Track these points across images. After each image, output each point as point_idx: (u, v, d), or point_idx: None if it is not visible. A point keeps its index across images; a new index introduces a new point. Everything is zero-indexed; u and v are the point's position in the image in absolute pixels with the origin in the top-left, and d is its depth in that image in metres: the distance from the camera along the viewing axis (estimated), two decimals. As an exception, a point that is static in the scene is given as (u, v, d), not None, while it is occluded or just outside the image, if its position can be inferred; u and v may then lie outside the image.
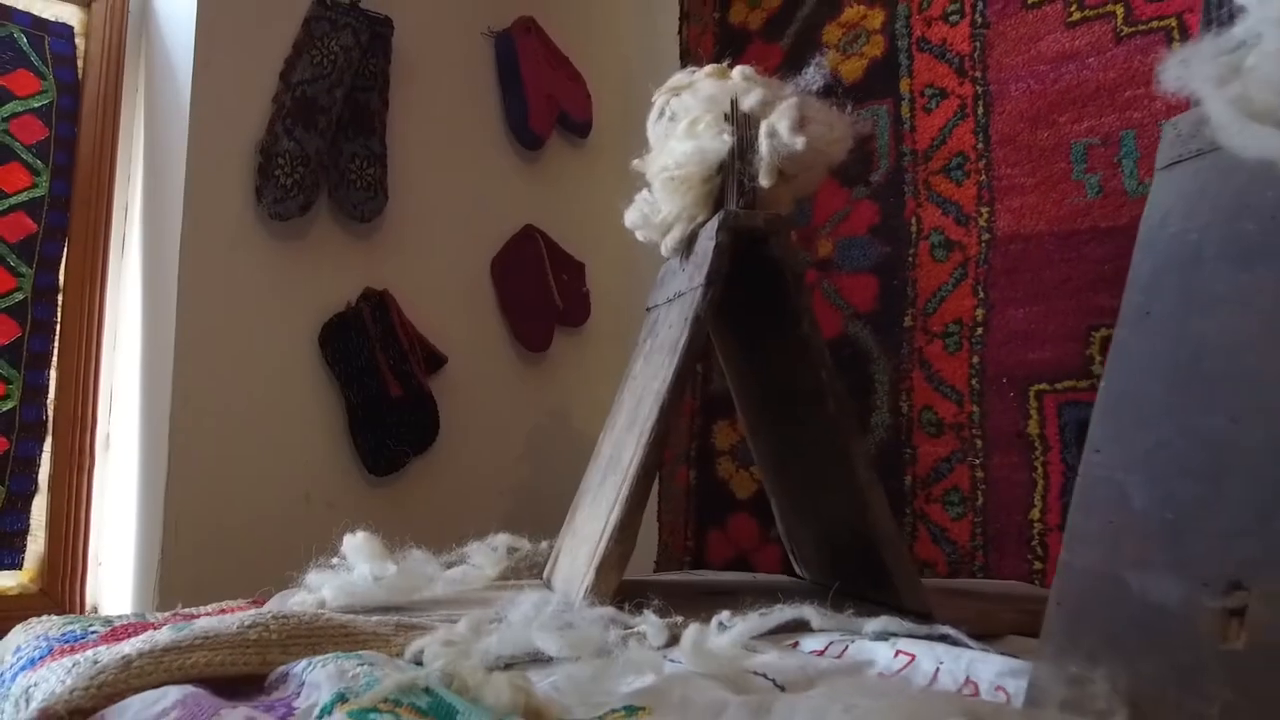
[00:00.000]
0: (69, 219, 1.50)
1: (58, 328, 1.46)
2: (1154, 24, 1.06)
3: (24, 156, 1.50)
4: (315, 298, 1.46)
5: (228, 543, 1.34)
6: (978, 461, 1.17)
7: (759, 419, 0.99)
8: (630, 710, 0.56)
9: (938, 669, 0.63)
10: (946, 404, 1.21)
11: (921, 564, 1.22)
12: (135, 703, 0.53)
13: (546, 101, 1.76)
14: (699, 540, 1.56)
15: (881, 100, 1.33)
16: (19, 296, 1.44)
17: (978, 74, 1.21)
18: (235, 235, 1.41)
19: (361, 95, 1.52)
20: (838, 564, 0.93)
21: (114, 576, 1.41)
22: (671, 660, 0.65)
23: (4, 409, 1.39)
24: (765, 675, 0.62)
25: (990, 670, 0.61)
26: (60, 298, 1.47)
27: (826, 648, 0.71)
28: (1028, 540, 1.11)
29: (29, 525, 1.39)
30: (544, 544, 0.96)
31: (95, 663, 0.60)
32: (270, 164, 1.41)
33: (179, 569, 1.31)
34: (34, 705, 0.56)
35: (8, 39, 1.51)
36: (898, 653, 0.67)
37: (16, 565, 1.37)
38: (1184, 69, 0.49)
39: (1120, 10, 1.08)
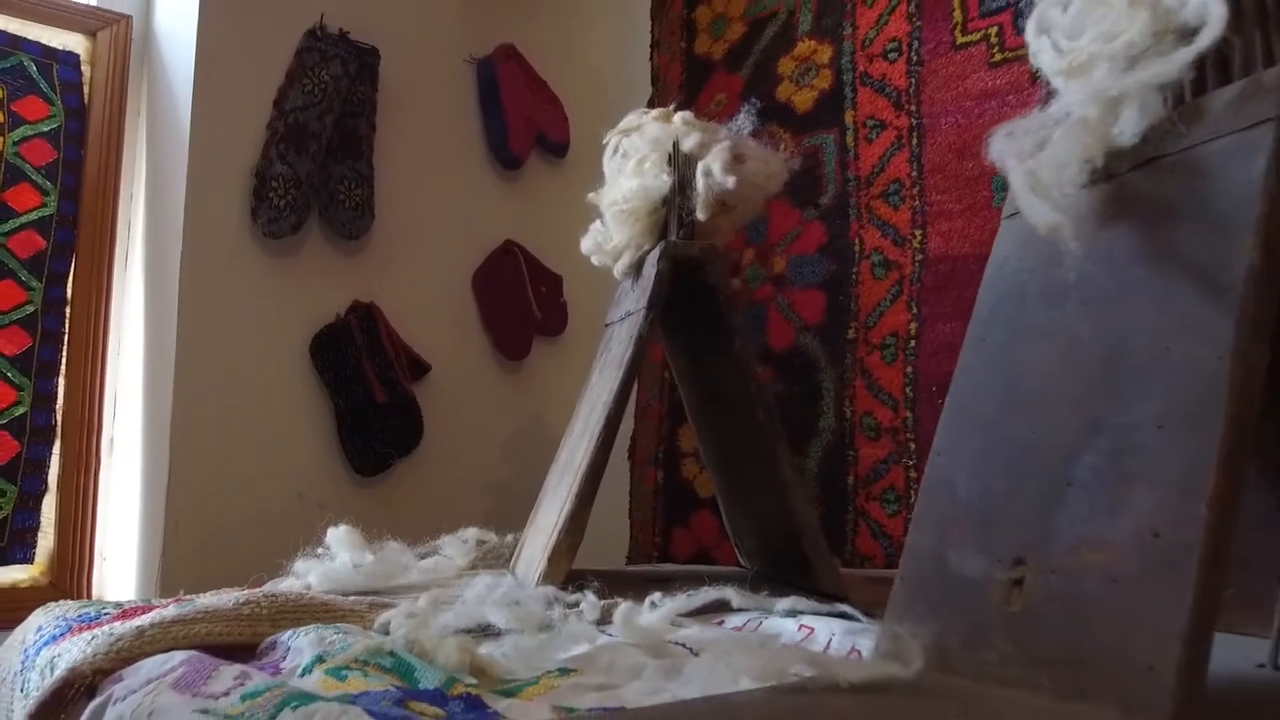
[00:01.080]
0: (76, 236, 1.60)
1: (65, 338, 1.56)
2: (1065, 66, 1.17)
3: (34, 178, 1.60)
4: (306, 310, 1.57)
5: (225, 539, 1.44)
6: (911, 463, 1.28)
7: (703, 424, 1.10)
8: (564, 671, 0.67)
9: (831, 639, 0.74)
10: (885, 410, 1.32)
11: (862, 557, 1.33)
12: (148, 663, 0.63)
13: (526, 124, 1.87)
14: (666, 537, 1.67)
15: (829, 129, 1.44)
16: (29, 309, 1.55)
17: (913, 108, 1.32)
18: (232, 252, 1.52)
19: (350, 121, 1.63)
20: (772, 554, 1.04)
21: (118, 570, 1.52)
22: (607, 634, 0.76)
23: (16, 414, 1.50)
24: (684, 645, 0.73)
25: (871, 639, 0.72)
26: (68, 310, 1.57)
27: (745, 624, 0.82)
28: (954, 534, 1.22)
29: (39, 522, 1.49)
30: (509, 537, 1.07)
31: (112, 634, 0.71)
32: (264, 186, 1.52)
33: (179, 563, 1.41)
34: (61, 667, 0.67)
35: (18, 67, 1.61)
36: (800, 627, 0.78)
37: (28, 560, 1.47)
38: (1004, 141, 0.60)
39: (1036, 53, 1.19)
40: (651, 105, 1.84)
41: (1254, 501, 0.62)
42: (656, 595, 0.81)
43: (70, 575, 1.48)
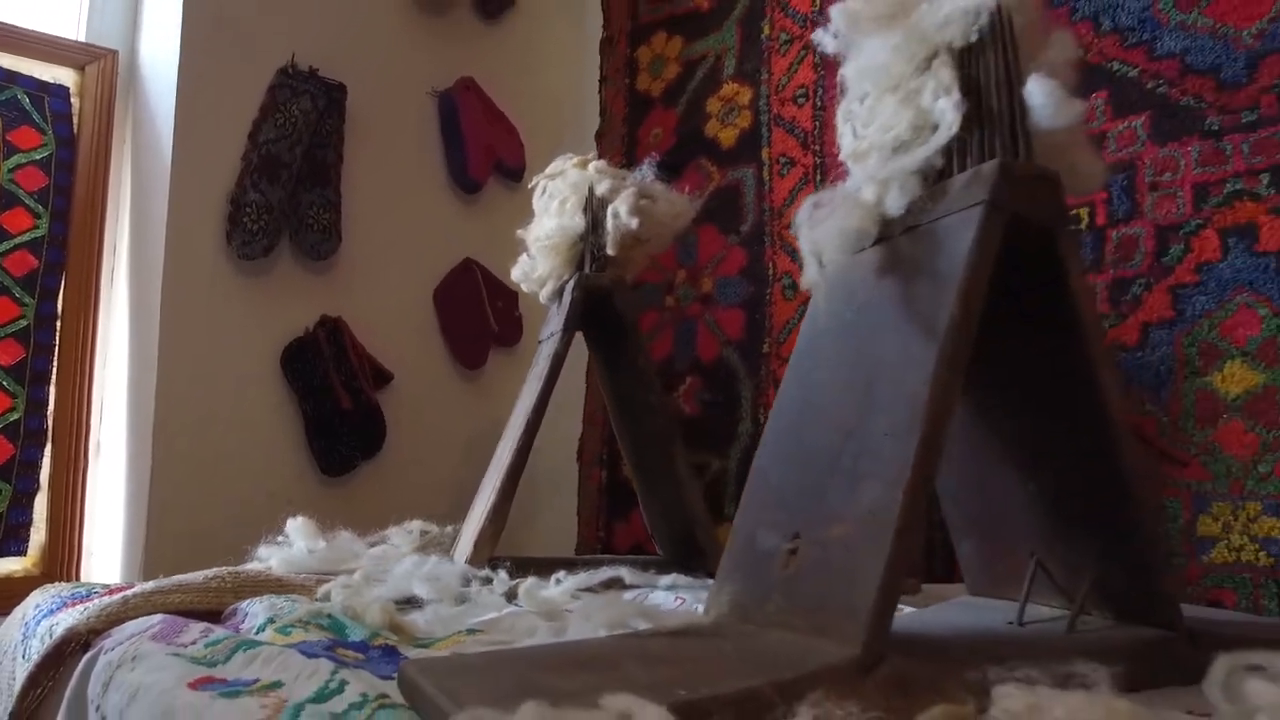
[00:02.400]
0: (66, 256, 1.74)
1: (56, 349, 1.70)
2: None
3: (27, 202, 1.74)
4: (277, 324, 1.72)
5: (201, 533, 1.58)
6: (814, 463, 1.44)
7: (620, 429, 1.26)
8: (471, 631, 0.83)
9: (697, 608, 0.90)
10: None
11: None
12: (131, 624, 0.79)
13: (484, 151, 2.02)
14: (608, 531, 1.83)
15: (749, 164, 1.60)
16: (23, 323, 1.69)
17: (817, 148, 1.49)
18: (209, 271, 1.67)
19: (319, 151, 1.78)
20: (675, 543, 1.20)
21: (104, 562, 1.66)
22: (515, 605, 0.92)
23: (10, 420, 1.64)
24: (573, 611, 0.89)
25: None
26: (59, 324, 1.71)
27: (635, 598, 0.98)
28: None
29: (32, 519, 1.63)
30: (449, 528, 1.23)
31: (101, 604, 0.86)
32: (239, 212, 1.67)
33: (159, 557, 1.55)
34: (60, 630, 0.82)
35: (13, 100, 1.75)
36: (677, 598, 0.94)
37: (22, 553, 1.62)
38: (808, 209, 0.76)
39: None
40: (599, 135, 2.01)
41: (1015, 491, 0.78)
42: (561, 574, 0.97)
43: (60, 566, 1.63)
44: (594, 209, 1.14)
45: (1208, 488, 1.03)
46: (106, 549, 1.66)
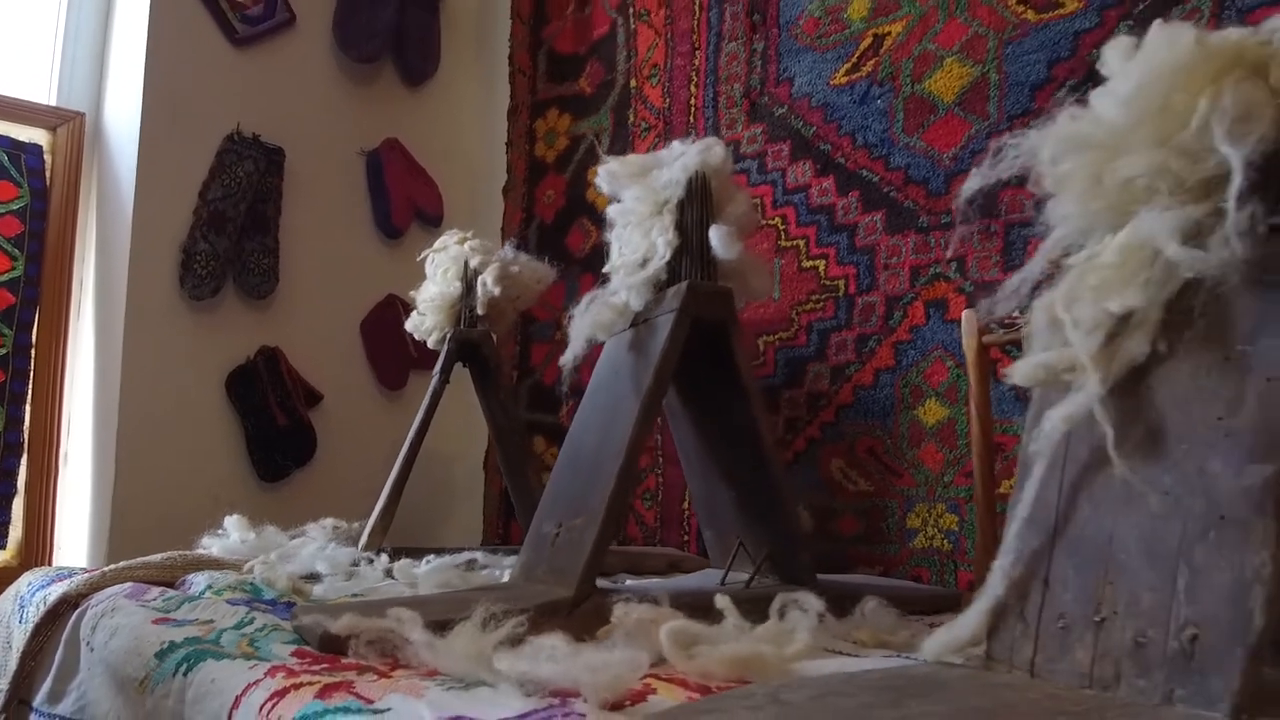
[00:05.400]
0: (39, 293, 2.02)
1: (31, 374, 2.00)
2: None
3: (5, 246, 2.03)
4: (223, 354, 2.02)
5: (157, 531, 1.86)
6: (659, 473, 1.80)
7: (494, 439, 1.60)
8: (354, 595, 1.17)
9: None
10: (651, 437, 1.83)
11: (630, 538, 1.84)
12: (109, 590, 1.11)
13: (406, 202, 2.35)
14: (506, 528, 2.17)
15: (616, 226, 1.95)
16: (2, 351, 1.98)
17: (665, 218, 1.84)
18: (164, 309, 1.97)
19: (260, 205, 2.10)
20: (534, 535, 1.55)
21: (72, 555, 1.96)
22: (391, 579, 1.26)
23: (-9, 434, 1.94)
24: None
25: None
26: (33, 352, 1.99)
27: (484, 573, 1.32)
28: (682, 522, 1.74)
29: (10, 519, 1.92)
30: (356, 524, 1.56)
31: (85, 577, 1.19)
32: (190, 260, 1.98)
33: (120, 549, 1.83)
34: (54, 596, 1.15)
35: (-7, 159, 2.05)
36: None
37: (2, 546, 1.91)
38: (585, 302, 1.11)
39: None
40: (506, 191, 2.35)
41: (724, 495, 1.14)
42: (431, 556, 1.32)
43: (35, 558, 1.92)
44: (468, 278, 1.48)
45: (914, 492, 1.40)
46: (74, 543, 1.96)
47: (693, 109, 1.82)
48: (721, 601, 0.88)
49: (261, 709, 0.65)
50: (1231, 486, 0.54)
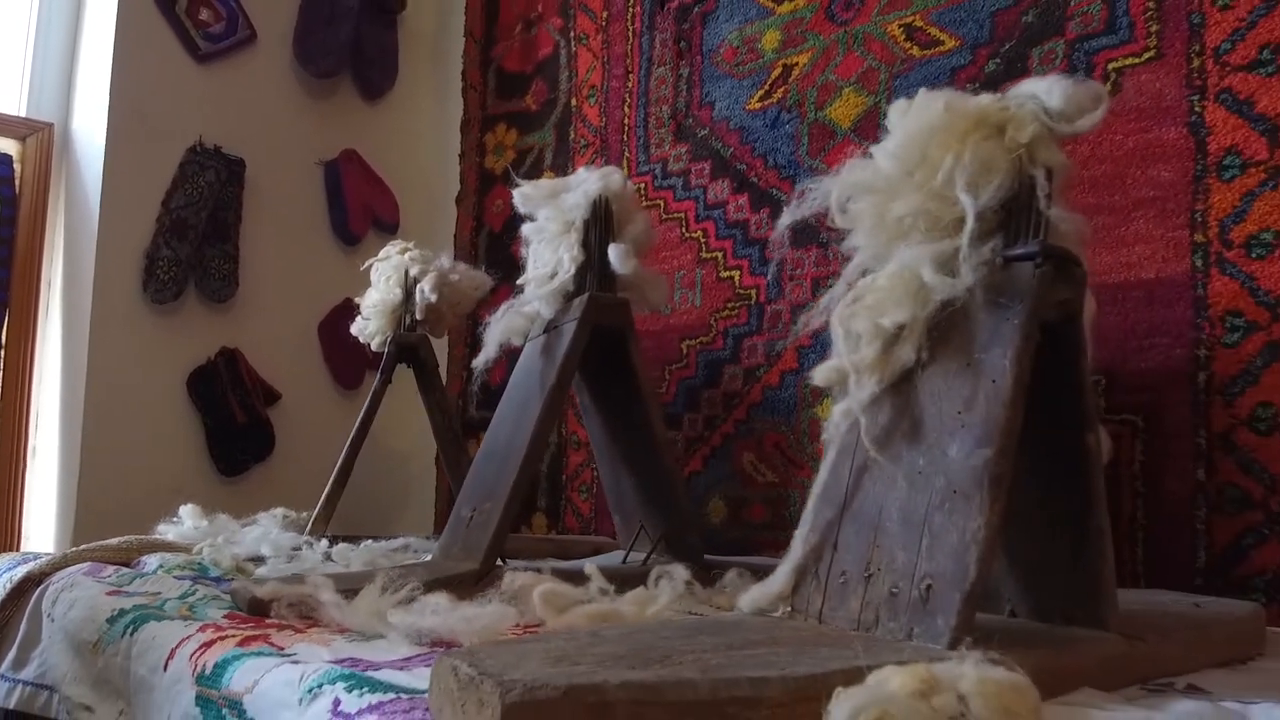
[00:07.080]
0: (9, 296, 2.13)
1: (0, 372, 2.10)
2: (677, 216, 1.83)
3: (-25, 251, 2.13)
4: (184, 354, 2.13)
5: (120, 522, 1.96)
6: (594, 468, 1.93)
7: (437, 440, 1.73)
8: (295, 575, 1.29)
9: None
10: (582, 431, 1.96)
11: (567, 528, 1.97)
12: (70, 569, 1.23)
13: (363, 209, 2.47)
14: (456, 520, 2.29)
15: (557, 236, 2.08)
16: (-28, 352, 2.08)
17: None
18: (128, 311, 2.07)
19: (221, 213, 2.20)
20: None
21: (39, 543, 2.06)
22: (330, 561, 1.38)
23: (-39, 430, 2.03)
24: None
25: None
26: (2, 351, 2.10)
27: (417, 556, 1.45)
28: (613, 513, 1.87)
29: (-21, 509, 2.03)
30: (304, 513, 1.68)
31: (48, 558, 1.30)
32: (153, 265, 2.08)
33: (85, 541, 1.92)
34: (20, 574, 1.26)
35: (-36, 167, 2.14)
36: (442, 556, 1.41)
37: (-29, 536, 2.02)
38: (503, 309, 1.24)
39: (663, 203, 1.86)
40: (459, 200, 2.47)
41: (627, 484, 1.27)
42: (368, 540, 1.44)
43: (4, 546, 2.03)
44: (408, 285, 1.60)
45: (812, 483, 1.54)
46: (41, 532, 2.06)
47: (626, 128, 1.95)
48: (590, 569, 1.01)
49: (191, 657, 0.78)
50: (963, 466, 0.68)
